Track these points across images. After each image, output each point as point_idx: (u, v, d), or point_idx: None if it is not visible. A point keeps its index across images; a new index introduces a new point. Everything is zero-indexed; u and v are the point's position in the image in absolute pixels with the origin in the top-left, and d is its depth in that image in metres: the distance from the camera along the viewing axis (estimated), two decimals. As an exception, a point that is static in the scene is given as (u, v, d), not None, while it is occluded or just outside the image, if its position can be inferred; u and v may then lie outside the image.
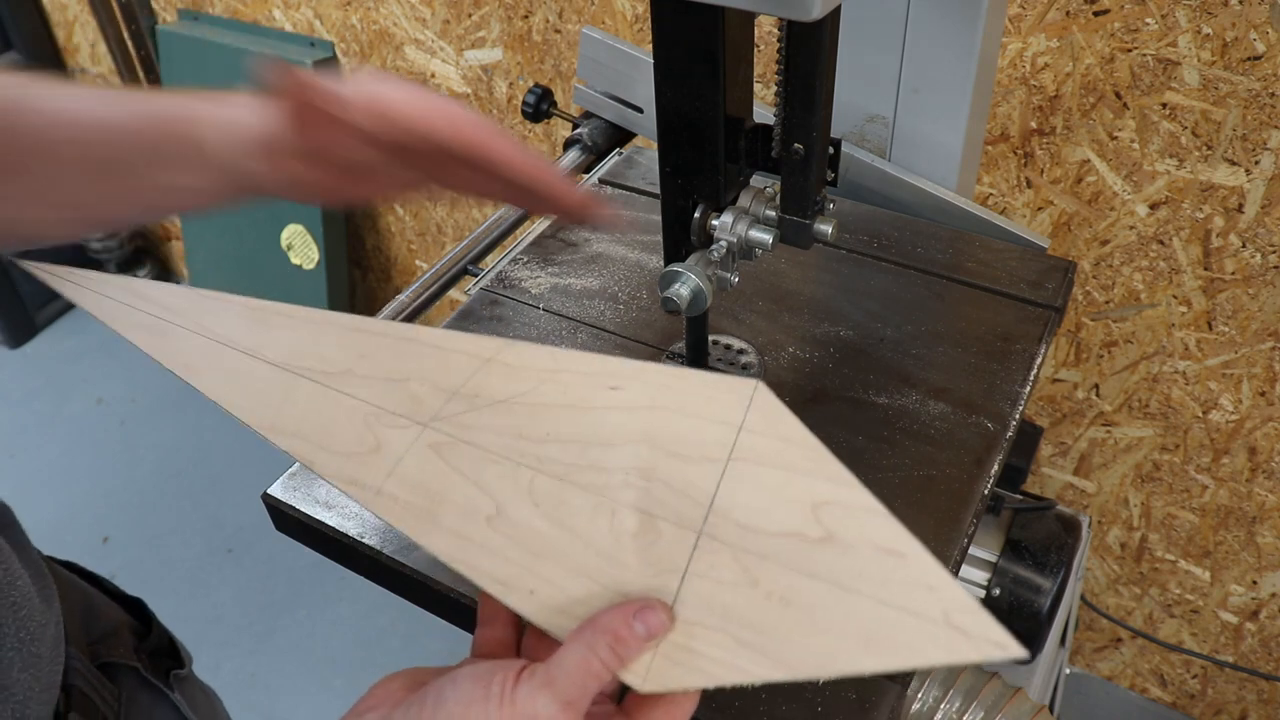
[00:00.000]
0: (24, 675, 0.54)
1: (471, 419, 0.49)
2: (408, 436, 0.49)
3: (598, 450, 0.47)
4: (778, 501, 0.44)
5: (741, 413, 0.47)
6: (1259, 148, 1.08)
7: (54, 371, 2.46)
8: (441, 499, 0.47)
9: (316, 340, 0.53)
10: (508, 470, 0.47)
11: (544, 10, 1.52)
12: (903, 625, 0.41)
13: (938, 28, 0.85)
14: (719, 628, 0.43)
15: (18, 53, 2.31)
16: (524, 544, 0.45)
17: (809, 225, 0.67)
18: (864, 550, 0.43)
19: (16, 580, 0.56)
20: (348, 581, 1.66)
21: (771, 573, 0.43)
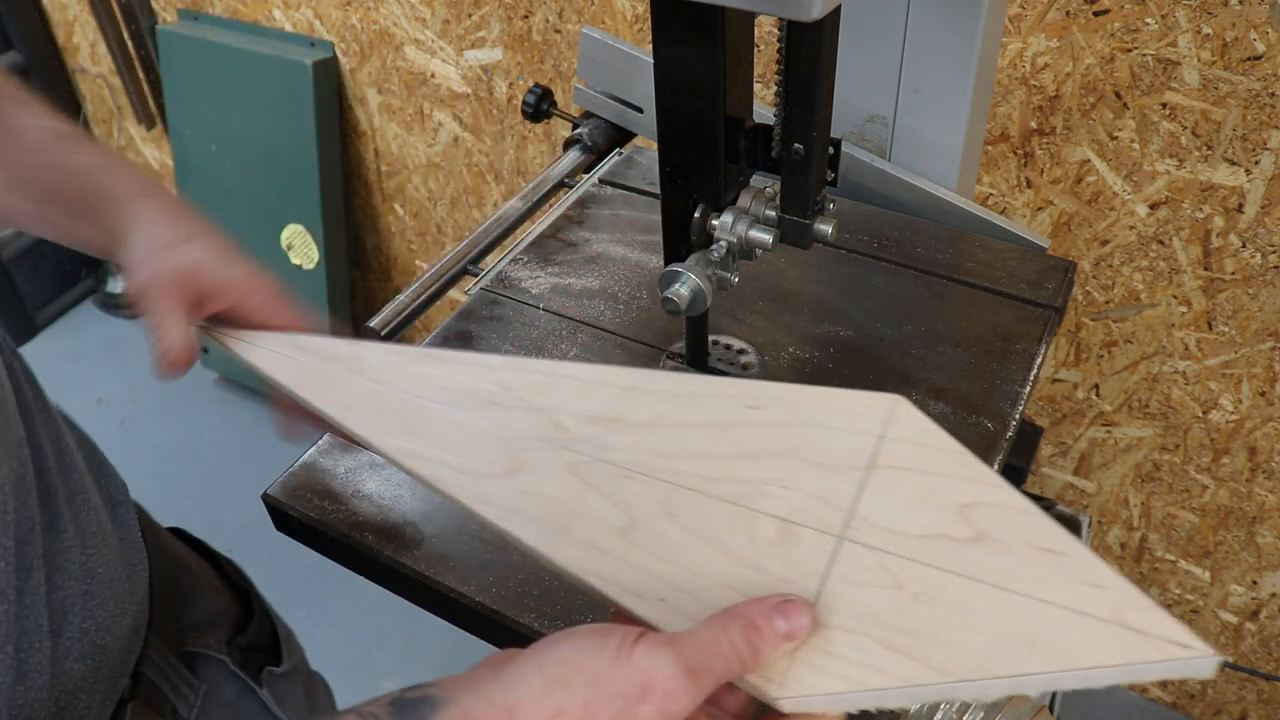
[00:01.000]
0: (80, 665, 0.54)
1: (611, 440, 0.49)
2: (546, 458, 0.49)
3: (736, 464, 0.47)
4: (922, 505, 0.43)
5: (882, 424, 0.46)
6: (1259, 148, 1.08)
7: (54, 371, 2.46)
8: (575, 514, 0.47)
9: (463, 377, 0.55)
10: (644, 485, 0.47)
11: (544, 10, 1.52)
12: (1068, 625, 0.38)
13: (938, 28, 0.85)
14: (862, 631, 0.41)
15: (18, 53, 2.31)
16: (657, 554, 0.45)
17: (809, 225, 0.67)
18: (1018, 549, 0.41)
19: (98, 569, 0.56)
20: (348, 581, 1.66)
21: (917, 573, 0.41)
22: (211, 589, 0.74)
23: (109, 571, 0.57)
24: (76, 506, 0.56)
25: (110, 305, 2.60)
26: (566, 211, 0.97)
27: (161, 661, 0.63)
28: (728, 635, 0.39)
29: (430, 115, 1.80)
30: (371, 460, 0.74)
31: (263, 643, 0.76)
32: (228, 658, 0.70)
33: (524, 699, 0.38)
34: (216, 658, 0.69)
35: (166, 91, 2.07)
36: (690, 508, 0.46)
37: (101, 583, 0.56)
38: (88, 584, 0.55)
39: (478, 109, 1.72)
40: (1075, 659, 0.38)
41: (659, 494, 0.46)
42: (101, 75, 2.36)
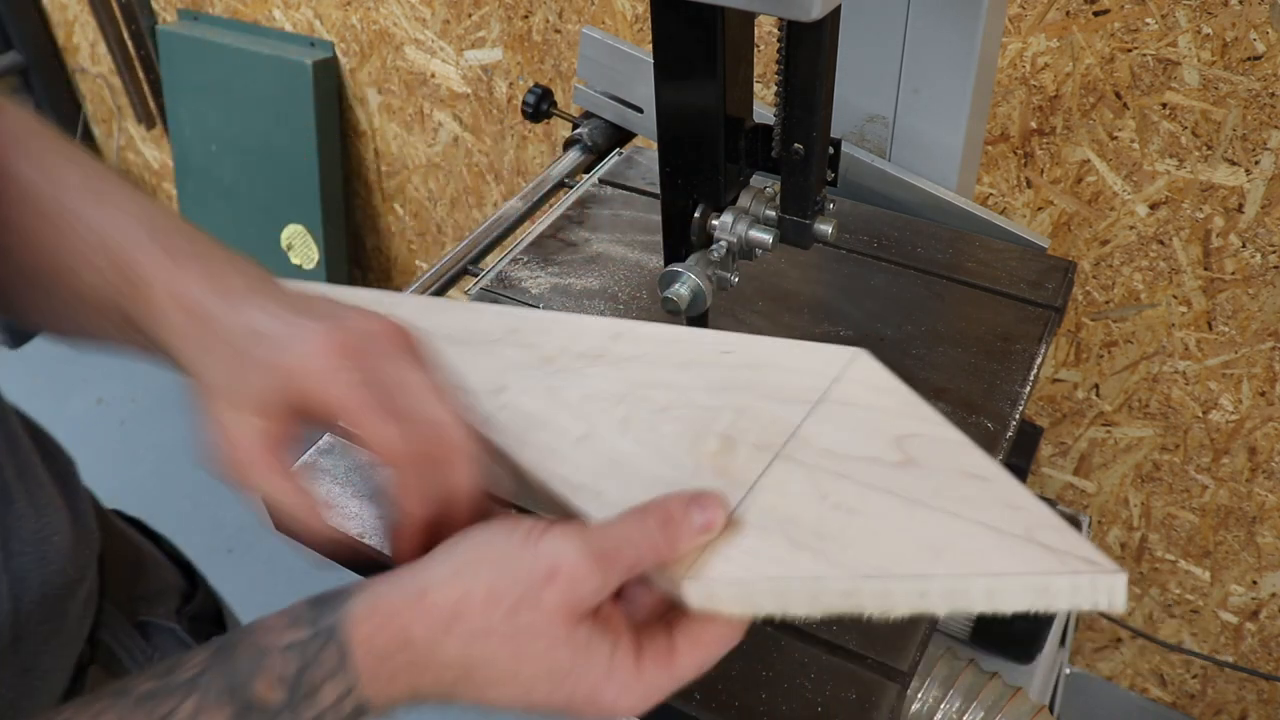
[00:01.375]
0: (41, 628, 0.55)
1: (591, 370, 0.52)
2: (530, 380, 0.52)
3: (699, 393, 0.49)
4: (861, 432, 0.45)
5: (840, 368, 0.49)
6: (1259, 148, 1.08)
7: (54, 371, 2.46)
8: (542, 425, 0.49)
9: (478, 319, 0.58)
10: (610, 405, 0.50)
11: (544, 10, 1.52)
12: (979, 537, 0.39)
13: (938, 28, 0.85)
14: (777, 530, 0.42)
15: (18, 53, 2.31)
16: (606, 460, 0.47)
17: (809, 225, 0.67)
18: (945, 474, 0.42)
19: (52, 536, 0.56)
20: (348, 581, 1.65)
21: (842, 487, 0.43)
22: (157, 563, 0.76)
23: (63, 539, 0.57)
24: (26, 480, 0.56)
25: (110, 305, 2.60)
26: (566, 211, 0.97)
27: (119, 629, 0.65)
28: (643, 525, 0.40)
29: (430, 115, 1.80)
30: (372, 460, 0.74)
31: (208, 613, 0.78)
32: (178, 625, 0.72)
33: (432, 582, 0.39)
34: (167, 626, 0.71)
35: (166, 91, 2.07)
36: (645, 423, 0.48)
37: (56, 549, 0.56)
38: (43, 550, 0.55)
39: (478, 109, 1.72)
40: (981, 566, 0.38)
41: (621, 411, 0.49)
42: (101, 75, 2.36)
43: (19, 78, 2.35)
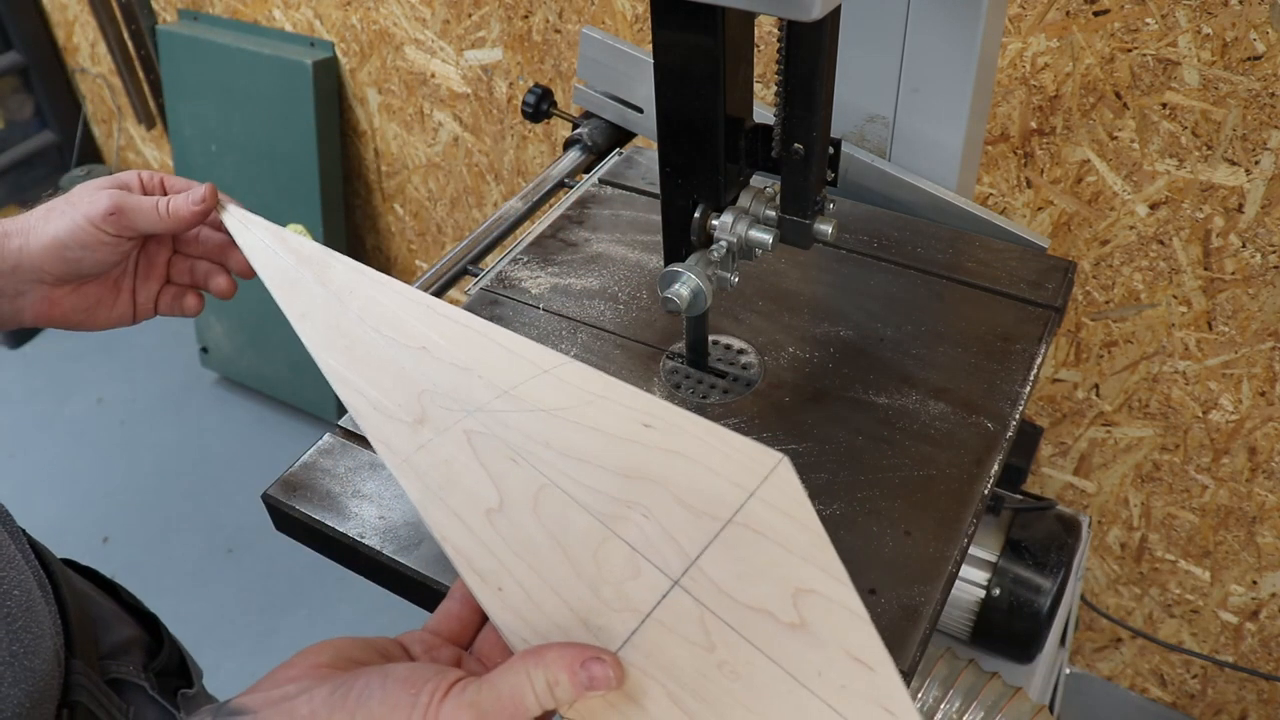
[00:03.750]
0: (15, 690, 0.54)
1: (511, 419, 0.51)
2: (450, 419, 0.52)
3: (612, 479, 0.48)
4: (762, 576, 0.43)
5: (758, 481, 0.46)
6: (1259, 148, 1.08)
7: (54, 371, 2.46)
8: (456, 482, 0.49)
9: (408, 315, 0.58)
10: (524, 472, 0.49)
11: (544, 10, 1.52)
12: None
13: (938, 28, 0.85)
14: (658, 679, 0.42)
15: (18, 53, 2.31)
16: (512, 544, 0.46)
17: (809, 225, 0.67)
18: (832, 650, 0.41)
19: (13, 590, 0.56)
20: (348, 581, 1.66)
21: (731, 642, 0.42)
22: (118, 618, 0.75)
23: (24, 594, 0.57)
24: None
25: (110, 305, 2.60)
26: (566, 211, 0.97)
27: (93, 688, 0.64)
28: (533, 688, 0.40)
29: (430, 115, 1.80)
30: (371, 460, 0.74)
31: (173, 667, 0.77)
32: (146, 683, 0.71)
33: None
34: (137, 683, 0.70)
35: (166, 91, 2.07)
36: (557, 508, 0.47)
37: (19, 604, 0.56)
38: (7, 606, 0.55)
39: (478, 109, 1.72)
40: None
41: (534, 485, 0.48)
42: (101, 75, 2.36)
43: (19, 78, 2.35)
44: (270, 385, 2.25)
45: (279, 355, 2.17)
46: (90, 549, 2.00)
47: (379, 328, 0.58)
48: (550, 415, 0.51)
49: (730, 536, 0.45)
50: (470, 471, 0.49)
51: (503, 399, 0.52)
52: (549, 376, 0.53)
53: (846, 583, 0.43)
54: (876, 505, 0.67)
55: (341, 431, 0.76)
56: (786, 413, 0.75)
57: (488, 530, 0.47)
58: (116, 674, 0.68)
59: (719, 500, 0.46)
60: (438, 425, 0.51)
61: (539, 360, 0.54)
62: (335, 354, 0.58)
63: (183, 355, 2.45)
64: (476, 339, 0.56)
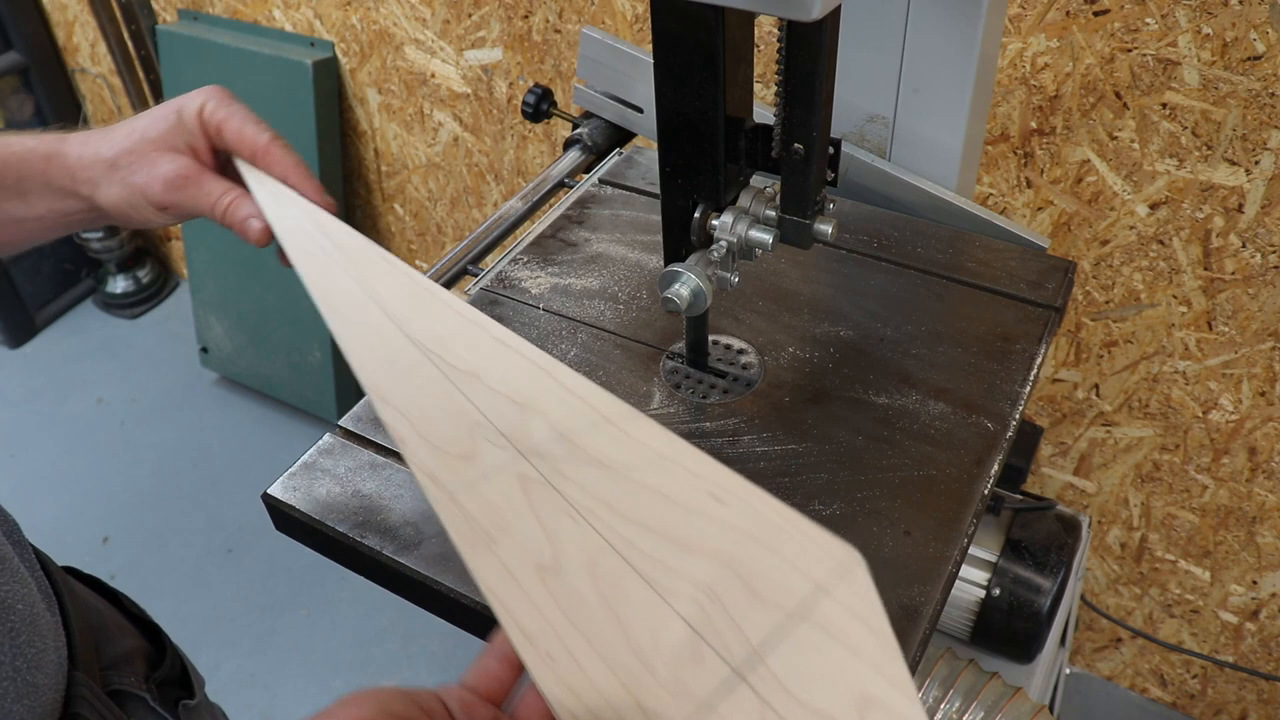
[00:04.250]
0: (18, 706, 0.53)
1: (569, 468, 0.48)
2: (502, 458, 0.48)
3: (675, 551, 0.45)
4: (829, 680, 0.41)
5: (829, 575, 0.44)
6: (1259, 148, 1.08)
7: (54, 371, 2.46)
8: (506, 530, 0.46)
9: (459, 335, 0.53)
10: (581, 531, 0.46)
11: (544, 10, 1.52)
12: None
13: (938, 28, 0.85)
14: None
15: (18, 53, 2.31)
16: (565, 608, 0.44)
17: (809, 225, 0.67)
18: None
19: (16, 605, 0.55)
20: (348, 581, 1.66)
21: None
22: (120, 627, 0.74)
23: (27, 608, 0.57)
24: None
25: (110, 305, 2.60)
26: (566, 211, 0.97)
27: (95, 700, 0.63)
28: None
29: (430, 115, 1.80)
30: (372, 460, 0.74)
31: (175, 677, 0.76)
32: (148, 694, 0.70)
33: None
34: (138, 694, 0.69)
35: (166, 91, 2.07)
36: (614, 575, 0.44)
37: (22, 618, 0.56)
38: (10, 621, 0.54)
39: (478, 109, 1.72)
40: None
41: (591, 547, 0.45)
42: (101, 75, 2.36)
43: (19, 78, 2.35)
44: (270, 385, 2.25)
45: (279, 355, 2.17)
46: (90, 549, 2.00)
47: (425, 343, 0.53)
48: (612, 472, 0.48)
49: (798, 632, 0.42)
50: (523, 522, 0.46)
51: (561, 445, 0.49)
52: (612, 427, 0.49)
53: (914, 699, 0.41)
54: (876, 505, 0.67)
55: (341, 431, 0.76)
56: (786, 413, 0.75)
57: (539, 589, 0.44)
58: (118, 685, 0.68)
59: (788, 591, 0.43)
60: (489, 464, 0.48)
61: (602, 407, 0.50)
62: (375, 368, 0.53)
63: (183, 355, 2.45)
64: (534, 372, 0.52)
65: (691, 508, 0.46)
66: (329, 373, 2.10)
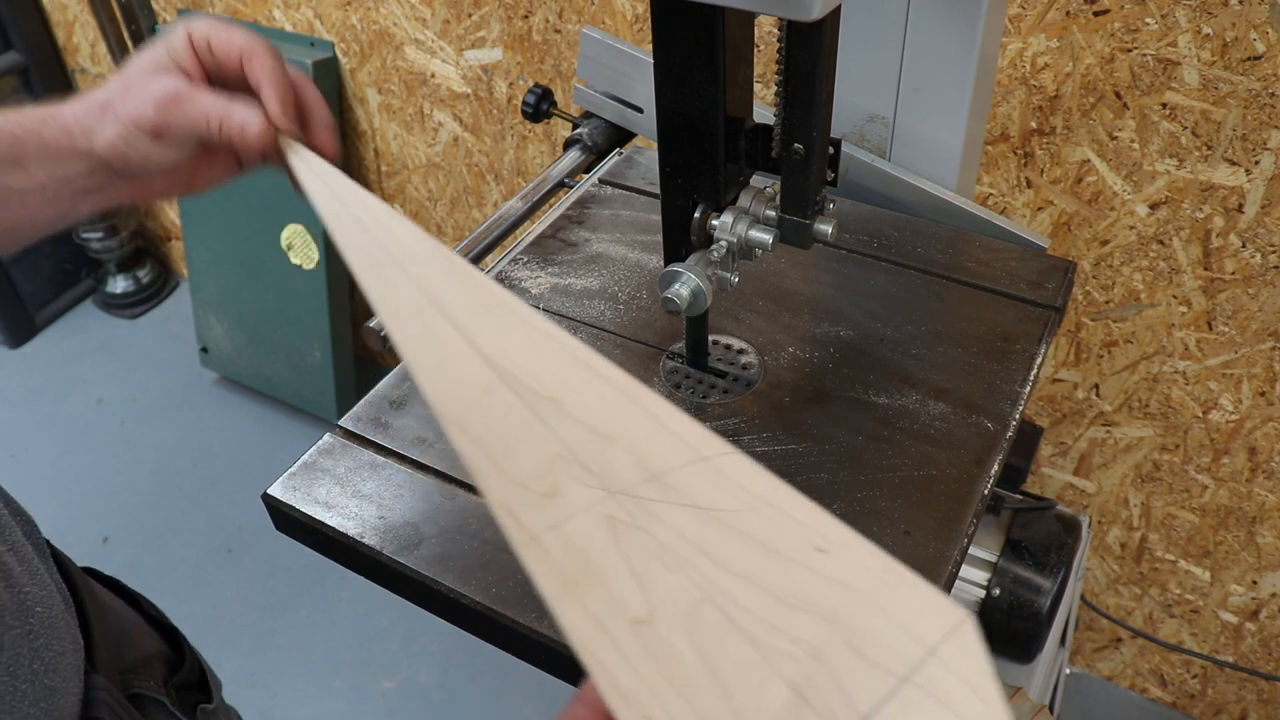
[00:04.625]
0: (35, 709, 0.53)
1: (662, 511, 0.45)
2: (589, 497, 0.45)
3: (778, 607, 0.42)
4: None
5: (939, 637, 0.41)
6: (1259, 148, 1.08)
7: (54, 371, 2.46)
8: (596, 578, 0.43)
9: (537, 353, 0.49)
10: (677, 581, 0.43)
11: (544, 10, 1.52)
12: None
13: (938, 28, 0.85)
14: None
15: (18, 53, 2.31)
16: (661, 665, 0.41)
17: (809, 225, 0.67)
18: None
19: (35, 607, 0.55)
20: (348, 581, 1.66)
21: None
22: (140, 630, 0.73)
23: (46, 609, 0.56)
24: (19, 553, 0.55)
25: (110, 305, 2.60)
26: (566, 211, 0.97)
27: (115, 703, 0.62)
28: None
29: (430, 115, 1.80)
30: (372, 460, 0.74)
31: (194, 681, 0.76)
32: (166, 699, 0.69)
33: None
34: (157, 699, 0.68)
35: (166, 91, 2.07)
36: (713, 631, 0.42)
37: (41, 620, 0.55)
38: (29, 623, 0.54)
39: (478, 109, 1.72)
40: None
41: (689, 601, 0.42)
42: (101, 75, 2.36)
43: (19, 78, 2.35)
44: (270, 385, 2.25)
45: (279, 355, 2.17)
46: (90, 549, 2.00)
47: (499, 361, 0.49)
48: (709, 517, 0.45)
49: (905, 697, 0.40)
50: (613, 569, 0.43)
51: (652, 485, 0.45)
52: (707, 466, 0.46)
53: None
54: (876, 505, 0.67)
55: (342, 431, 0.76)
56: (786, 413, 0.75)
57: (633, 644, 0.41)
58: (138, 689, 0.67)
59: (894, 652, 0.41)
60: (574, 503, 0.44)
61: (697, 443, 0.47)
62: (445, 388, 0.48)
63: (183, 355, 2.45)
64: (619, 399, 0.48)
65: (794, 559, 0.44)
66: (329, 373, 2.10)
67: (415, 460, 0.73)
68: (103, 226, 2.44)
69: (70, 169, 0.60)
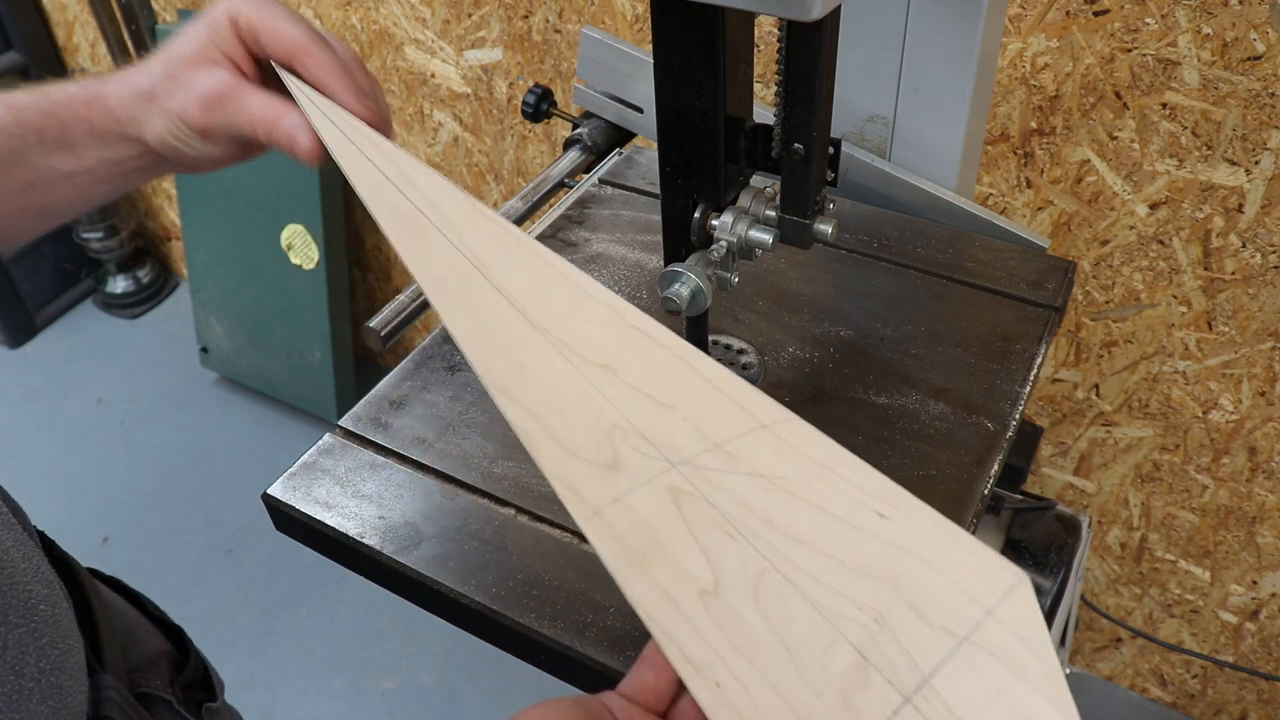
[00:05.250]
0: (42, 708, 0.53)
1: (724, 480, 0.45)
2: (650, 469, 0.44)
3: (840, 571, 0.43)
4: (994, 703, 0.40)
5: (996, 598, 0.42)
6: (1259, 148, 1.08)
7: (54, 371, 2.46)
8: (661, 549, 0.43)
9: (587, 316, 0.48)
10: (743, 550, 0.43)
11: (544, 10, 1.52)
12: None
13: (938, 28, 0.85)
14: None
15: (18, 53, 2.31)
16: (729, 633, 0.41)
17: (809, 225, 0.67)
18: None
19: (39, 605, 0.55)
20: (348, 581, 1.66)
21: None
22: (145, 630, 0.73)
23: (50, 609, 0.56)
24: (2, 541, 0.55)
25: (110, 305, 2.60)
26: (566, 211, 0.97)
27: (124, 702, 0.62)
28: None
29: (430, 115, 1.80)
30: (372, 460, 0.74)
31: (198, 679, 0.75)
32: (173, 698, 0.69)
33: None
34: (164, 698, 0.68)
35: (166, 91, 2.07)
36: (778, 597, 0.42)
37: (46, 620, 0.55)
38: (34, 622, 0.53)
39: (478, 109, 1.72)
40: None
41: (754, 569, 0.42)
42: (101, 75, 2.36)
43: (19, 78, 2.35)
44: (270, 385, 2.25)
45: (279, 355, 2.17)
46: (90, 549, 2.00)
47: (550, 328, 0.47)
48: (771, 484, 0.44)
49: (965, 656, 0.41)
50: (679, 540, 0.43)
51: (714, 454, 0.45)
52: (768, 433, 0.46)
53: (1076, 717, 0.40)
54: (876, 505, 0.67)
55: (342, 431, 0.76)
56: (786, 413, 0.75)
57: (702, 615, 0.42)
58: (145, 688, 0.67)
59: (954, 613, 0.42)
60: (635, 475, 0.44)
61: (757, 410, 0.46)
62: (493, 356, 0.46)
63: (183, 355, 2.45)
64: (675, 365, 0.47)
65: (854, 524, 0.44)
66: (329, 373, 2.10)
67: (415, 460, 0.73)
68: (103, 226, 2.44)
69: (120, 152, 0.59)
